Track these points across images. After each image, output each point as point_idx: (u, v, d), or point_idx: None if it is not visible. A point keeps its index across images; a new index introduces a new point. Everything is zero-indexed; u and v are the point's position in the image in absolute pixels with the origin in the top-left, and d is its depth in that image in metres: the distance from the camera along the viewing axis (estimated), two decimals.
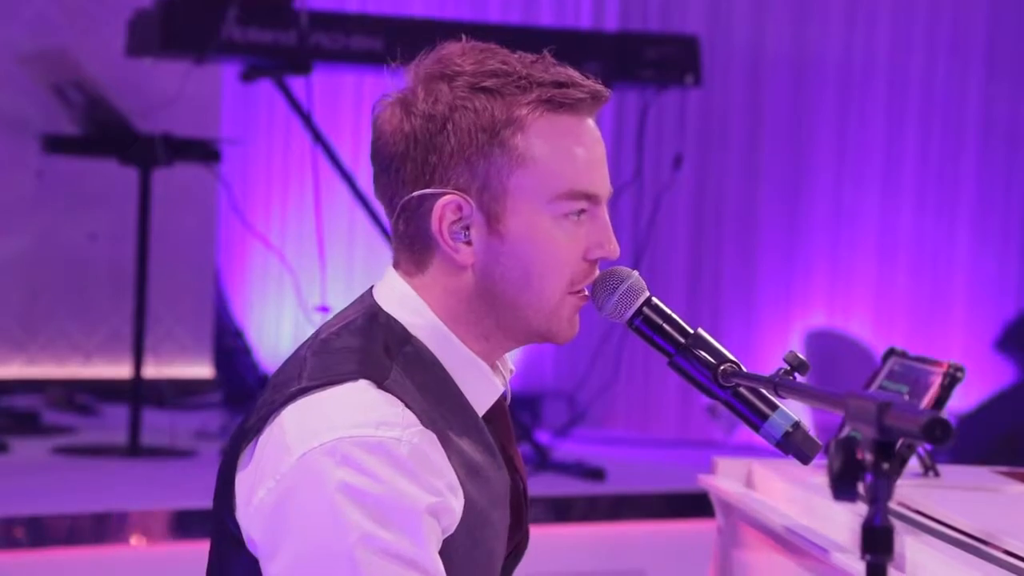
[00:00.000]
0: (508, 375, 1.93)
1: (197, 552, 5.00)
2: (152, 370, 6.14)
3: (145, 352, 5.70)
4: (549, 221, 1.82)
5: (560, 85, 1.82)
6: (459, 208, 1.80)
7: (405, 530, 1.70)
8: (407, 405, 1.75)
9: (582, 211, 1.83)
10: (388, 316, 1.83)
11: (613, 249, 1.85)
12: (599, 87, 1.85)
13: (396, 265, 1.87)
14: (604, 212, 1.86)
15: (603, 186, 1.85)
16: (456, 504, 1.76)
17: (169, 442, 5.64)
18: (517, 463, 1.93)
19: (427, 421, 1.76)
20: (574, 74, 1.84)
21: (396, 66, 1.87)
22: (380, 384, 1.76)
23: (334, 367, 1.77)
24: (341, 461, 1.70)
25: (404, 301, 1.83)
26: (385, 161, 1.84)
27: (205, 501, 4.92)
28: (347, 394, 1.75)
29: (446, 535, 1.76)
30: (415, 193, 1.81)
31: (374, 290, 1.88)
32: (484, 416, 1.87)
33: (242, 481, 1.79)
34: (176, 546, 4.70)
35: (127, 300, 5.93)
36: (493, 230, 1.81)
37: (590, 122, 1.86)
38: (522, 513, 1.92)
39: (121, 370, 6.22)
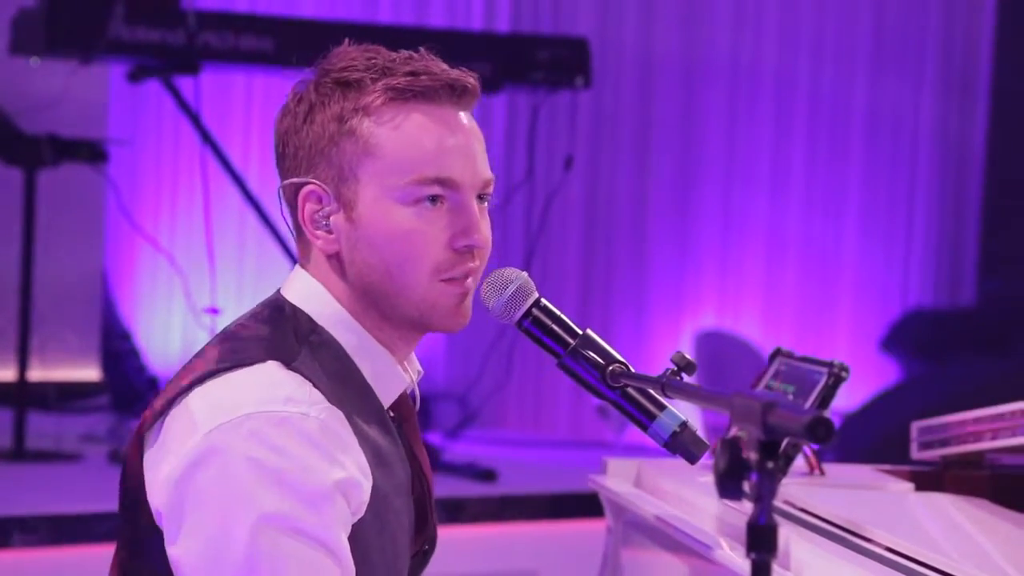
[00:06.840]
0: (416, 376, 1.94)
1: (84, 556, 4.93)
2: (38, 373, 6.06)
3: (30, 354, 5.62)
4: (400, 207, 1.82)
5: (411, 74, 1.82)
6: (319, 198, 1.83)
7: (310, 506, 1.70)
8: (315, 385, 1.76)
9: (437, 197, 1.82)
10: (294, 307, 1.85)
11: (479, 239, 1.83)
12: (457, 77, 1.84)
13: (298, 259, 1.90)
14: (470, 201, 1.84)
15: (465, 174, 1.83)
16: (365, 484, 1.76)
17: (55, 446, 5.56)
18: (424, 464, 1.93)
19: (335, 401, 1.77)
20: (434, 65, 1.84)
21: (294, 70, 1.90)
22: (288, 365, 1.77)
23: (242, 351, 1.79)
24: (247, 435, 1.71)
25: (309, 293, 1.85)
26: (276, 160, 1.89)
27: (92, 505, 4.85)
28: (255, 374, 1.77)
29: (355, 518, 1.75)
30: (284, 183, 1.86)
31: (281, 287, 1.90)
32: (392, 416, 1.88)
33: (149, 460, 1.78)
34: (61, 551, 4.64)
35: (11, 302, 5.84)
36: (349, 218, 1.82)
37: (454, 111, 1.84)
38: (428, 514, 1.92)
39: (5, 373, 6.13)
